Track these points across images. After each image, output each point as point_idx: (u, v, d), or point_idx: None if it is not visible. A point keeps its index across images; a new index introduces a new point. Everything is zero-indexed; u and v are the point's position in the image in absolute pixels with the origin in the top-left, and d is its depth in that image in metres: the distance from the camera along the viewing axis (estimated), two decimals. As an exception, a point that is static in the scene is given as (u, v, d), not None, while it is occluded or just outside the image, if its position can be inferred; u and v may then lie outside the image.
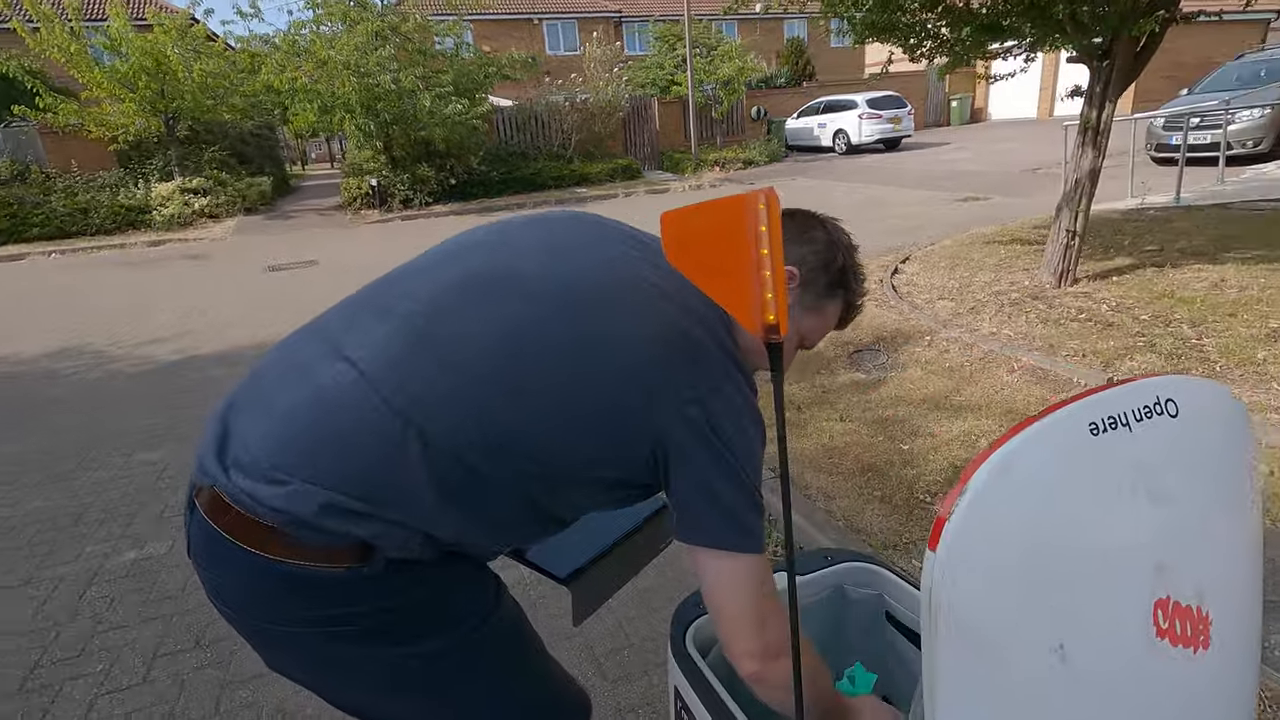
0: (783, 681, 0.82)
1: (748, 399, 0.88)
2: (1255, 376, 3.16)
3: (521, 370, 0.83)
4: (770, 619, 0.84)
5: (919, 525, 2.37)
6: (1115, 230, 6.07)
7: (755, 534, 0.85)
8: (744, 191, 0.71)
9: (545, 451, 0.85)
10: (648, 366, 0.85)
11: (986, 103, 23.71)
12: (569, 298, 0.88)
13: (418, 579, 0.88)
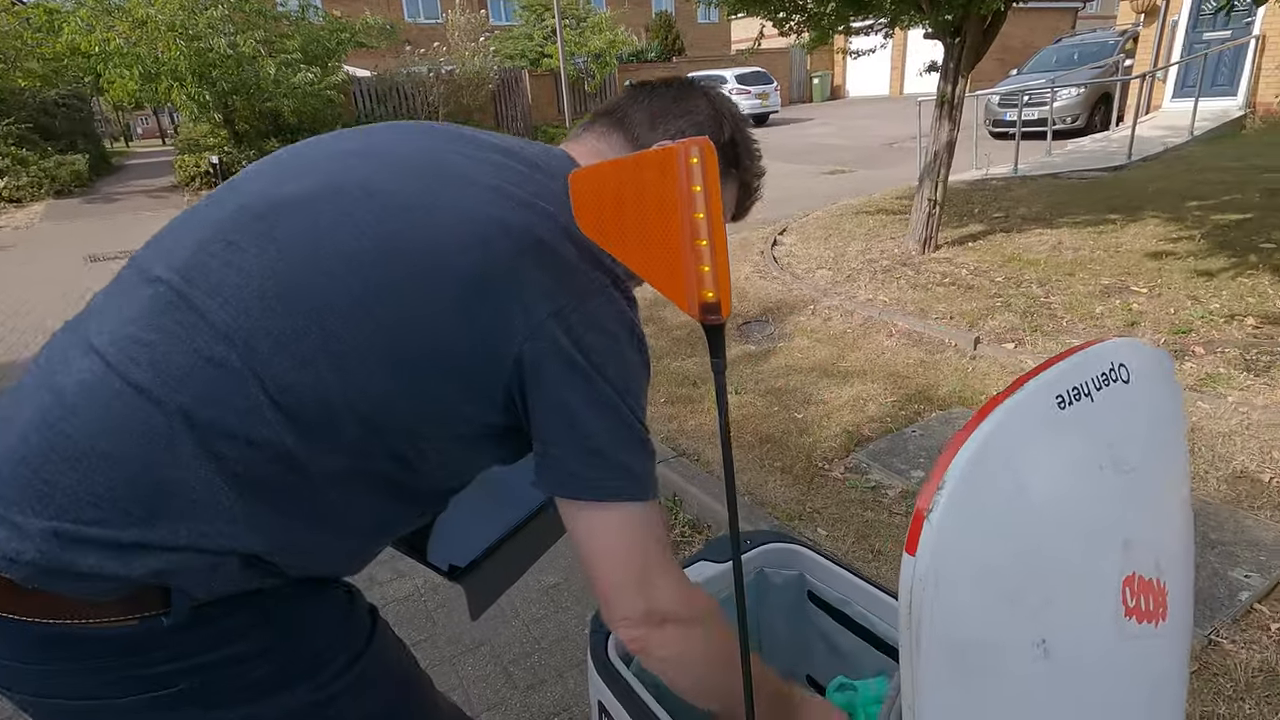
0: (674, 654, 0.72)
1: (623, 314, 0.72)
2: (1096, 329, 3.48)
3: (305, 316, 0.63)
4: (658, 578, 0.69)
5: (819, 494, 2.40)
6: (966, 200, 6.54)
7: (637, 477, 0.69)
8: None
9: (368, 416, 0.65)
10: (487, 280, 0.65)
11: (845, 80, 24.95)
12: (370, 206, 0.67)
13: (252, 619, 0.69)
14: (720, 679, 0.74)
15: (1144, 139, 8.02)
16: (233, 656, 0.69)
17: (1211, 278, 3.94)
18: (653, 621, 0.69)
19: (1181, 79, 9.93)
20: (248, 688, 0.70)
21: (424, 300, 0.65)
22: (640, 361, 0.73)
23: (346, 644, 0.77)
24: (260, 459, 0.63)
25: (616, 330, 0.70)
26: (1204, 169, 6.77)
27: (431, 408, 0.67)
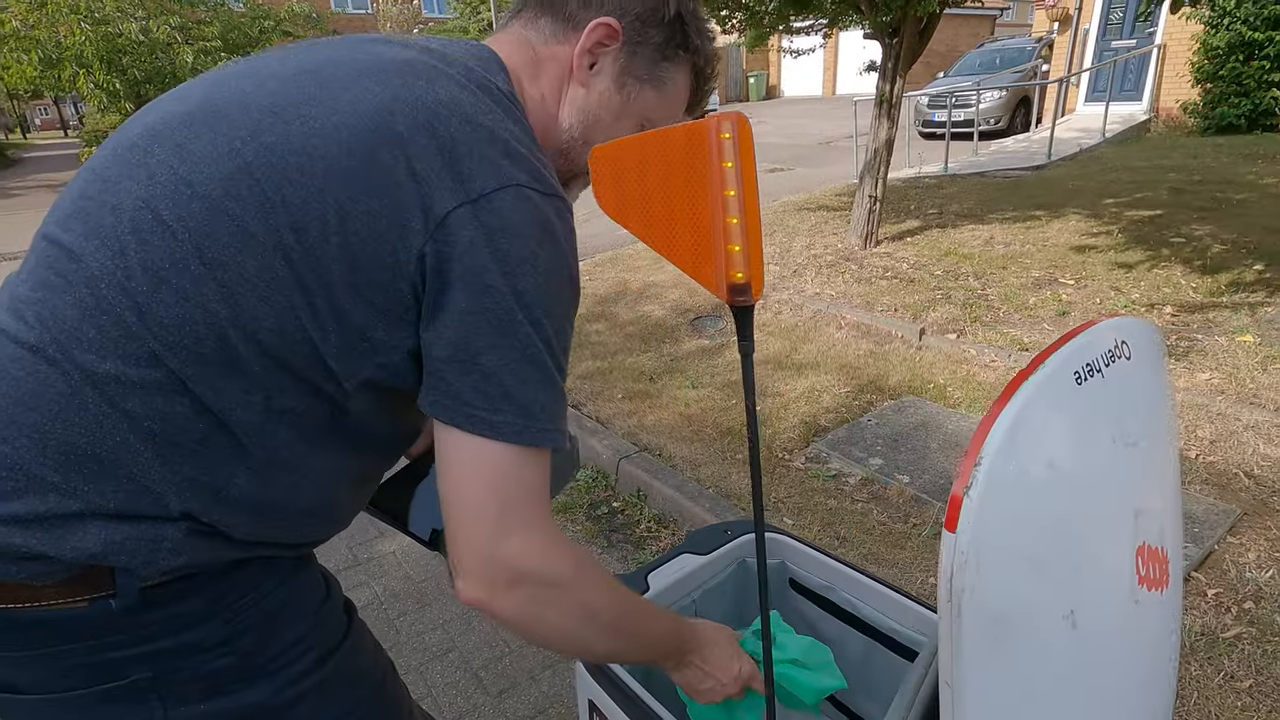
0: (520, 619, 0.62)
1: (547, 220, 0.60)
2: (1030, 320, 3.66)
3: (182, 247, 0.57)
4: (516, 530, 0.60)
5: (783, 484, 2.44)
6: (902, 197, 6.77)
7: (534, 418, 0.60)
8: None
9: (270, 349, 0.59)
10: (377, 178, 0.58)
11: (780, 80, 25.46)
12: (244, 122, 0.60)
13: (211, 605, 0.64)
14: (592, 639, 0.68)
15: (1061, 140, 8.49)
16: (189, 645, 0.64)
17: (1130, 269, 4.19)
18: (502, 582, 0.60)
19: (1093, 84, 10.56)
20: (204, 680, 0.65)
21: (309, 213, 0.57)
22: (564, 279, 0.62)
23: (317, 640, 0.71)
24: (171, 411, 0.58)
25: (538, 236, 0.60)
26: (1116, 169, 7.21)
27: (338, 334, 0.59)
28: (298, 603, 0.70)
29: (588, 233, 6.74)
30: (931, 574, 1.95)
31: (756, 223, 0.56)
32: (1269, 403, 2.67)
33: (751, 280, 0.58)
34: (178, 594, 0.62)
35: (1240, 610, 1.73)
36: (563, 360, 0.63)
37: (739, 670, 0.85)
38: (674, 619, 0.81)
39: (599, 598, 0.67)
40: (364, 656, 0.78)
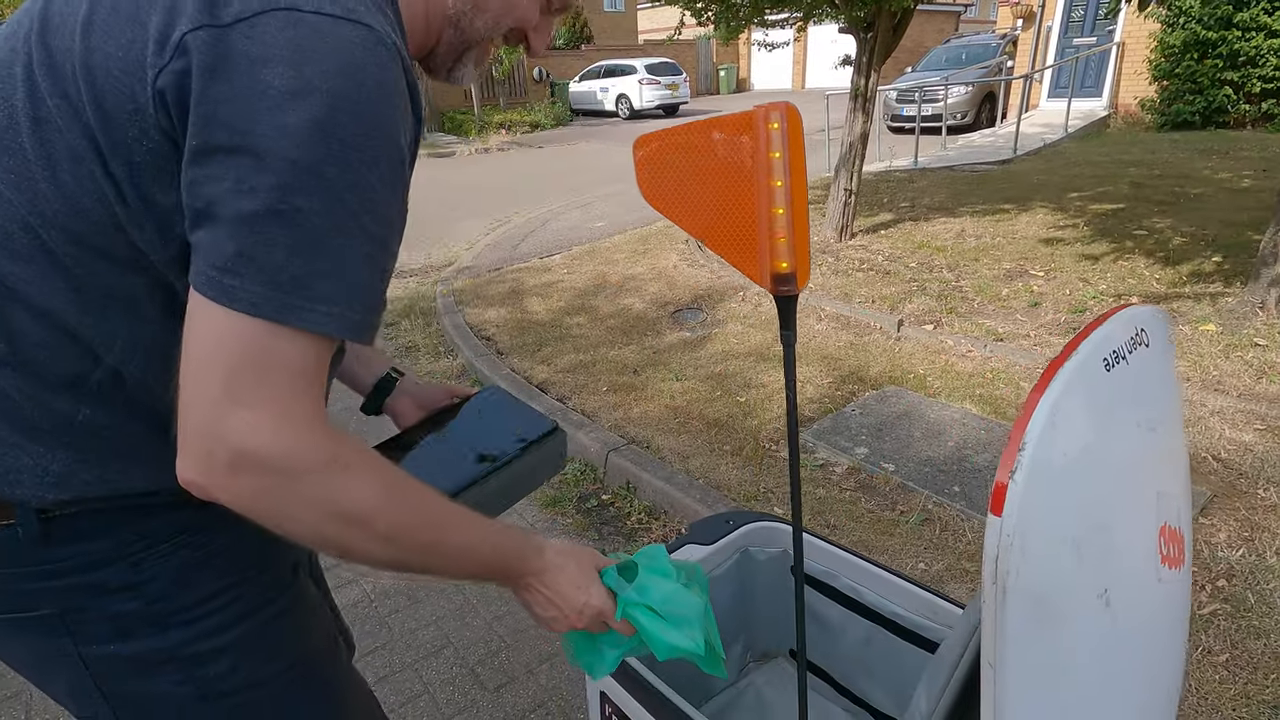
0: (254, 511, 0.54)
1: (339, 48, 0.51)
2: (1004, 310, 3.75)
3: None
4: (251, 408, 0.51)
5: (771, 474, 2.46)
6: (874, 190, 6.86)
7: (279, 285, 0.51)
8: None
9: (71, 231, 0.56)
10: (121, 9, 0.54)
11: (750, 73, 25.56)
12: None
13: (123, 545, 0.63)
14: (366, 547, 0.58)
15: (1026, 135, 8.69)
16: (95, 584, 0.63)
17: (1096, 261, 4.32)
18: (217, 459, 0.52)
19: (1055, 80, 10.82)
20: (112, 621, 0.65)
21: (64, 74, 0.54)
22: (365, 125, 0.52)
23: (240, 598, 0.69)
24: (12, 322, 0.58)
25: (318, 66, 0.50)
26: (1079, 163, 7.41)
27: (123, 206, 0.55)
28: (222, 558, 0.68)
29: (564, 224, 6.71)
30: (922, 559, 2.00)
31: (804, 213, 0.57)
32: (1232, 389, 2.78)
33: (797, 270, 0.58)
34: (84, 532, 0.62)
35: (1214, 588, 1.80)
36: (356, 227, 0.53)
37: (585, 602, 0.73)
38: (500, 532, 0.69)
39: (367, 498, 0.56)
40: (298, 630, 0.76)
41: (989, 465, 2.40)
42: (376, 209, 0.55)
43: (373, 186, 0.54)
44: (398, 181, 0.57)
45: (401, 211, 0.60)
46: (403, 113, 0.56)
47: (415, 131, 0.62)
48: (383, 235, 0.56)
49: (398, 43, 0.56)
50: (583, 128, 16.34)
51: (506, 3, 0.67)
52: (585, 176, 9.32)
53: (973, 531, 2.09)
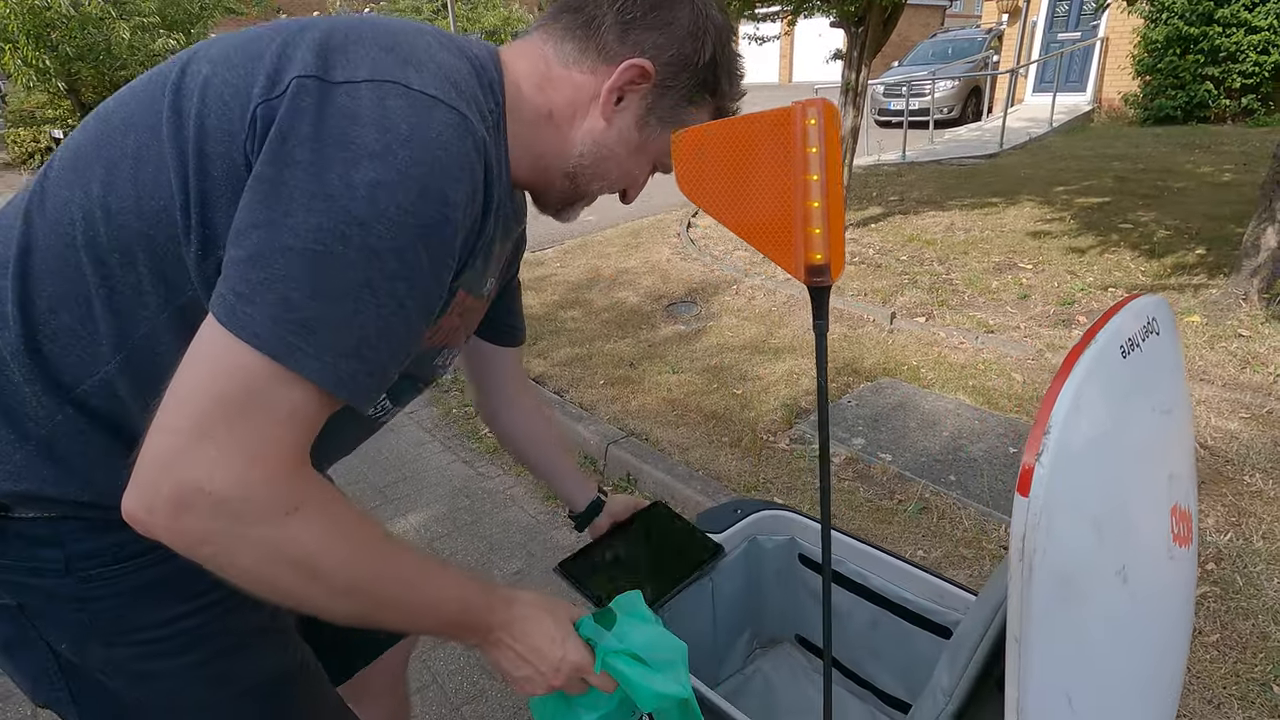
0: (196, 553, 0.52)
1: (426, 122, 0.53)
2: (994, 303, 3.80)
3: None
4: (222, 446, 0.50)
5: (769, 465, 2.49)
6: (864, 184, 6.91)
7: (288, 323, 0.50)
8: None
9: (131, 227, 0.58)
10: (248, 48, 0.58)
11: (736, 67, 25.54)
12: None
13: (68, 560, 0.63)
14: (320, 600, 0.57)
15: (1012, 129, 8.78)
16: (45, 590, 0.64)
17: (1083, 254, 4.39)
18: (163, 494, 0.50)
19: (1040, 75, 10.93)
20: (63, 627, 0.65)
21: (186, 93, 0.58)
22: (427, 194, 0.52)
23: (195, 623, 0.68)
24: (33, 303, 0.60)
25: (400, 134, 0.51)
26: (1064, 157, 7.50)
27: (186, 215, 0.56)
28: (180, 581, 0.66)
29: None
30: (920, 547, 2.04)
31: (840, 206, 0.59)
32: (1217, 379, 2.84)
33: (831, 262, 0.60)
34: (40, 539, 0.62)
35: (1204, 571, 1.85)
36: (387, 291, 0.52)
37: (561, 656, 0.69)
38: (468, 586, 0.66)
39: (325, 550, 0.54)
40: (258, 655, 0.74)
41: (983, 455, 2.44)
42: (413, 280, 0.54)
43: (418, 258, 0.54)
44: (442, 264, 0.57)
45: (438, 296, 0.58)
46: (469, 204, 0.57)
47: (482, 226, 0.62)
48: (410, 310, 0.55)
49: (487, 140, 0.58)
50: (570, 121, 16.27)
51: (625, 173, 0.74)
52: (575, 170, 9.29)
53: (969, 520, 2.13)
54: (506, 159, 0.66)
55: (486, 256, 0.71)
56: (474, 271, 0.70)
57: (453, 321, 0.74)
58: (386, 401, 0.78)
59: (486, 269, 0.74)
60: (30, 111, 11.21)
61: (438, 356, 0.78)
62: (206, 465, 0.49)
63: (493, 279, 0.79)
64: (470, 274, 0.69)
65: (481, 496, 2.54)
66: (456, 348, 0.82)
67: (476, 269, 0.70)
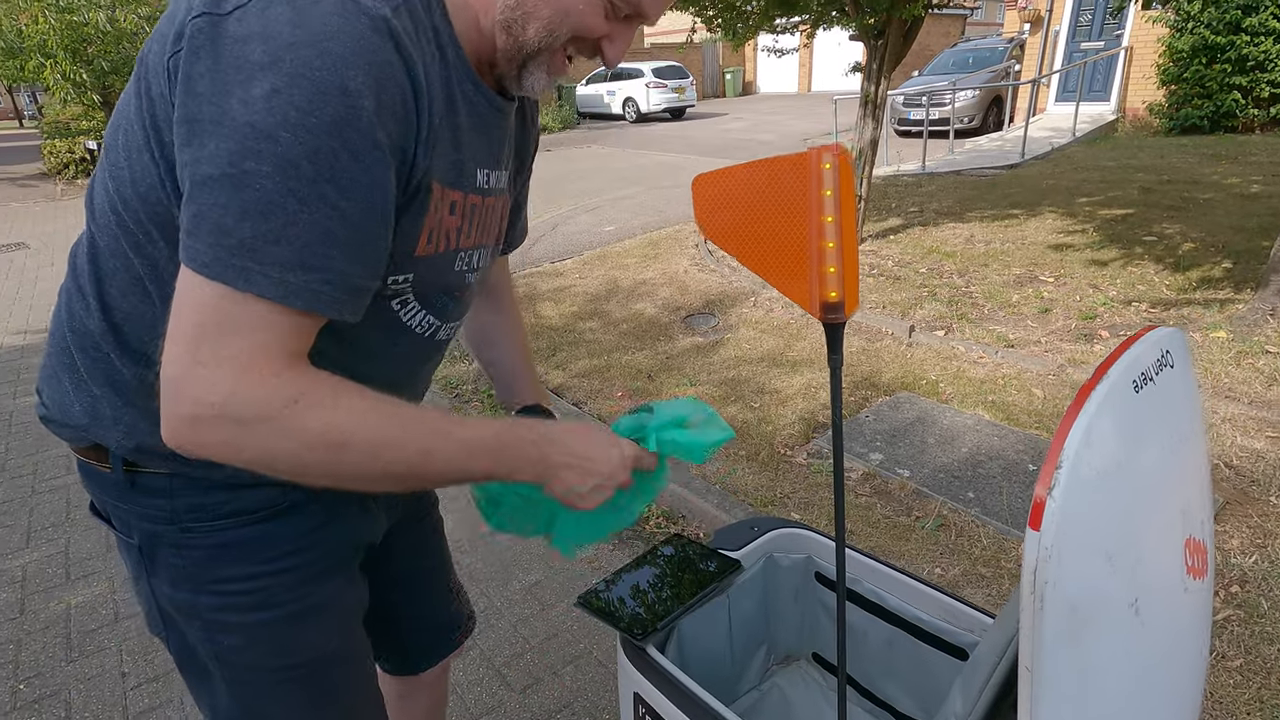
0: (231, 457, 0.58)
1: (314, 19, 0.53)
2: (1014, 316, 3.78)
3: None
4: (211, 368, 0.54)
5: (786, 479, 2.50)
6: (883, 195, 6.89)
7: (226, 247, 0.53)
8: (786, 155, 0.62)
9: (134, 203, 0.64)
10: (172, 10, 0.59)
11: (756, 76, 25.60)
12: None
13: (172, 512, 0.72)
14: (355, 466, 0.60)
15: (1033, 139, 8.71)
16: (156, 535, 0.74)
17: (1105, 267, 4.34)
18: (183, 418, 0.56)
19: (1063, 84, 10.83)
20: (168, 569, 0.75)
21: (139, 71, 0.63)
22: (324, 91, 0.52)
23: (262, 588, 0.75)
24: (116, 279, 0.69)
25: (291, 38, 0.52)
26: (1087, 168, 7.43)
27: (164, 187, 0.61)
28: (256, 547, 0.75)
29: (574, 229, 6.76)
30: (938, 564, 2.03)
31: (854, 246, 0.61)
32: (1243, 396, 2.80)
33: (846, 299, 0.62)
34: (156, 489, 0.72)
35: (1228, 594, 1.83)
36: (314, 195, 0.53)
37: (620, 452, 0.73)
38: (496, 423, 0.68)
39: (339, 423, 0.58)
40: (316, 633, 0.80)
41: (1002, 472, 2.43)
42: (338, 181, 0.54)
43: (335, 157, 0.54)
44: (369, 157, 0.56)
45: (376, 186, 0.57)
46: (378, 89, 0.55)
47: (419, 107, 0.60)
48: (347, 210, 0.55)
49: (390, 19, 0.56)
50: (589, 131, 16.40)
51: (560, 9, 0.65)
52: (593, 180, 9.37)
53: (988, 537, 2.12)
54: (450, 33, 0.64)
55: (456, 144, 0.67)
56: (445, 161, 0.66)
57: (451, 221, 0.70)
58: (429, 316, 0.76)
59: (462, 158, 0.69)
60: (66, 123, 11.55)
61: (457, 261, 0.75)
62: (204, 385, 0.55)
63: (488, 172, 0.74)
64: (441, 164, 0.65)
65: (500, 507, 2.57)
66: (478, 249, 0.78)
67: (446, 158, 0.66)
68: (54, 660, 1.90)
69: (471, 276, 0.79)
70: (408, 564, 1.04)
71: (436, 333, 0.80)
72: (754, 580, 1.43)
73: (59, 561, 2.32)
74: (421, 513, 1.07)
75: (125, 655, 1.91)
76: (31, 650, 1.94)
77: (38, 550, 2.38)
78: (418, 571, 1.07)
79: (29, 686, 1.82)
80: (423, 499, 1.08)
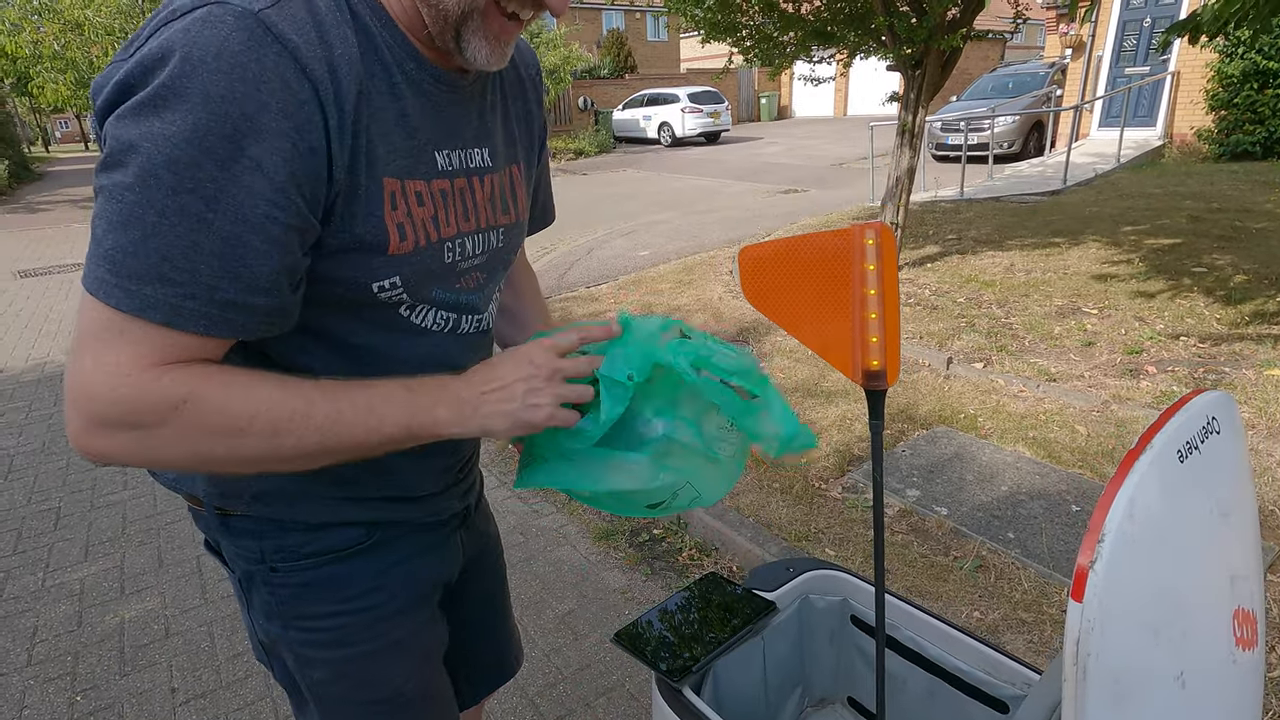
0: (146, 454, 0.58)
1: (199, 39, 0.52)
2: (1056, 349, 3.71)
3: None
4: (93, 379, 0.55)
5: (821, 514, 2.48)
6: (920, 221, 6.84)
7: (100, 260, 0.54)
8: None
9: None
10: None
11: (791, 100, 25.70)
12: None
13: (260, 553, 0.77)
14: (235, 450, 0.60)
15: (1076, 165, 8.57)
16: (251, 573, 0.79)
17: (1152, 299, 4.24)
18: (78, 428, 0.56)
19: (1106, 109, 10.65)
20: (260, 604, 0.79)
21: None
22: (187, 102, 0.51)
23: (343, 625, 0.79)
24: None
25: (178, 59, 0.52)
26: (1133, 195, 7.27)
27: None
28: (334, 585, 0.79)
29: (609, 253, 6.84)
30: (976, 608, 2.00)
31: (896, 318, 0.63)
32: (1300, 438, 2.70)
33: (887, 368, 0.64)
34: (247, 531, 0.76)
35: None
36: (173, 206, 0.52)
37: (530, 353, 0.68)
38: (408, 379, 0.66)
39: (230, 416, 0.58)
40: (393, 669, 0.83)
41: (1044, 512, 2.38)
42: (201, 189, 0.53)
43: (196, 164, 0.52)
44: (234, 162, 0.53)
45: (252, 195, 0.55)
46: (258, 85, 0.53)
47: (339, 99, 0.58)
48: (215, 222, 0.54)
49: (256, 10, 0.54)
50: (625, 155, 16.63)
51: None
52: (629, 204, 9.49)
53: (1029, 580, 2.08)
54: (379, 14, 0.63)
55: (407, 131, 0.65)
56: (394, 152, 0.64)
57: (422, 213, 0.67)
58: (440, 313, 0.74)
59: (416, 144, 0.66)
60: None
61: (445, 253, 0.71)
62: (90, 394, 0.55)
63: (450, 153, 0.70)
64: (388, 156, 0.63)
65: (535, 534, 2.60)
66: (468, 235, 0.74)
67: (394, 148, 0.64)
68: (109, 673, 1.98)
69: (471, 263, 0.75)
70: (476, 608, 1.07)
71: (459, 326, 0.77)
72: (789, 622, 1.43)
73: (114, 576, 2.41)
74: (491, 554, 1.09)
75: (175, 671, 1.98)
76: (88, 662, 2.02)
77: (95, 564, 2.48)
78: (484, 615, 1.10)
79: (85, 698, 1.90)
80: (490, 539, 1.09)
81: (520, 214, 0.83)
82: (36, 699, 1.90)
